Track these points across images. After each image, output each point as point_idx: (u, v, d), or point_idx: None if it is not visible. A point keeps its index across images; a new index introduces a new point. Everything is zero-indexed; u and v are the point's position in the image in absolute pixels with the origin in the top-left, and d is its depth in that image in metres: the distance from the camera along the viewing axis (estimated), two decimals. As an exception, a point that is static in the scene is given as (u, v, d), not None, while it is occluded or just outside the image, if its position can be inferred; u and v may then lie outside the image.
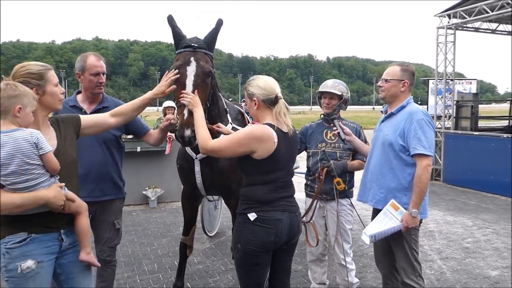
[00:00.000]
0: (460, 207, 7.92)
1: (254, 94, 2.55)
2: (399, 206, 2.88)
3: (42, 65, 2.31)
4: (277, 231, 2.49)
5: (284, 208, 2.54)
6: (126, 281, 4.48)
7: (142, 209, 7.67)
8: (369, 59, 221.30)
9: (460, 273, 4.72)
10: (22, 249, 2.12)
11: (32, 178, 2.09)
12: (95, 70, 3.13)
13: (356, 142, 3.43)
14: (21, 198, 2.06)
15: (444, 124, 10.84)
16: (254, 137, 2.43)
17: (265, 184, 2.51)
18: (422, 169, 2.83)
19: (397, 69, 3.07)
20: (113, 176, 3.24)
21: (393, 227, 2.88)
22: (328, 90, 3.55)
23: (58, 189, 2.16)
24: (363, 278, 4.49)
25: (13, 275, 2.10)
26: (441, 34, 10.71)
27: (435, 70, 11.16)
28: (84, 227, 2.31)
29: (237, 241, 2.56)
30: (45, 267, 2.18)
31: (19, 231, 2.13)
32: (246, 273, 2.60)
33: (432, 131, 2.92)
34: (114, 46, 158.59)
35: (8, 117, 2.09)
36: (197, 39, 2.95)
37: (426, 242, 5.78)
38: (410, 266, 2.99)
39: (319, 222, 3.61)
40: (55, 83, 2.31)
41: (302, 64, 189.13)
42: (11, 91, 2.08)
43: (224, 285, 4.38)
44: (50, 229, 2.22)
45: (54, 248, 2.23)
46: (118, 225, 3.32)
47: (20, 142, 2.05)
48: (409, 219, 2.84)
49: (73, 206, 2.25)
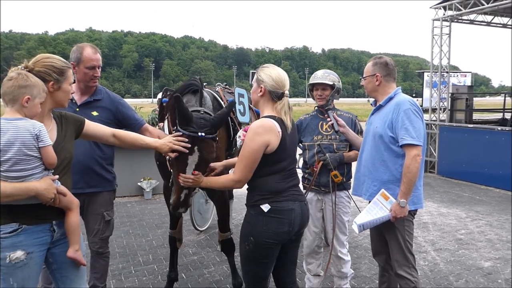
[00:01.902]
0: (454, 199, 7.97)
1: (263, 81, 2.53)
2: (389, 196, 2.88)
3: (65, 62, 2.33)
4: (290, 221, 2.49)
5: (295, 197, 2.55)
6: (120, 272, 4.48)
7: (137, 200, 7.66)
8: (364, 51, 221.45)
9: (454, 264, 4.76)
10: (13, 240, 2.12)
11: (26, 169, 2.09)
12: (91, 63, 3.08)
13: (350, 135, 3.42)
14: (12, 187, 2.06)
15: (439, 117, 10.86)
16: (260, 135, 2.42)
17: (275, 174, 2.51)
18: (411, 159, 2.82)
19: (369, 64, 3.12)
20: (98, 169, 3.17)
21: (382, 217, 2.88)
22: (320, 81, 3.53)
23: (49, 181, 2.15)
24: (358, 269, 4.51)
25: (2, 264, 2.11)
26: (437, 26, 10.72)
27: (430, 63, 11.17)
28: (73, 224, 2.29)
29: (249, 234, 2.52)
30: (34, 258, 2.18)
31: (11, 221, 2.13)
32: (255, 266, 2.57)
33: (420, 120, 2.89)
34: (108, 37, 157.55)
35: (16, 106, 2.10)
36: (204, 122, 2.59)
37: (420, 233, 5.81)
38: (404, 257, 2.99)
39: (317, 215, 3.61)
40: (71, 82, 2.33)
41: (297, 56, 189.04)
42: (22, 81, 2.09)
43: (219, 276, 4.39)
44: (41, 220, 2.21)
45: (45, 239, 2.23)
46: (109, 216, 3.28)
47: (22, 131, 2.06)
48: (397, 209, 2.84)
49: (64, 200, 2.24)
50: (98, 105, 3.15)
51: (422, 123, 2.92)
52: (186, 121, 2.54)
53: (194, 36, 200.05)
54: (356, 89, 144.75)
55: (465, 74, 17.52)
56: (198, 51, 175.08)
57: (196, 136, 2.53)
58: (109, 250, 3.41)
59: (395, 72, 3.11)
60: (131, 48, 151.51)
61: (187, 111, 2.55)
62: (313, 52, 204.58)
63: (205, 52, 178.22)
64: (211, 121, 2.62)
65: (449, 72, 11.09)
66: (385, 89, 3.06)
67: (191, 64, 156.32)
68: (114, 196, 3.39)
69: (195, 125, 2.55)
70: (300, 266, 4.30)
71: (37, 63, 2.24)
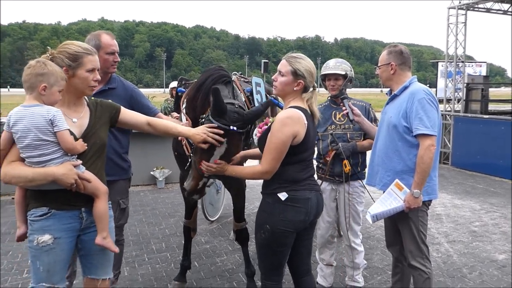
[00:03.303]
0: (468, 191, 7.89)
1: (304, 77, 2.50)
2: (403, 186, 2.85)
3: (84, 48, 2.28)
4: (307, 210, 2.50)
5: (311, 187, 2.56)
6: (134, 259, 4.53)
7: (150, 189, 7.72)
8: (377, 41, 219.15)
9: (467, 257, 4.72)
10: (42, 223, 2.18)
11: (45, 154, 2.13)
12: (111, 48, 3.09)
13: (365, 124, 3.38)
14: (33, 172, 2.12)
15: (453, 107, 10.73)
16: (289, 126, 2.40)
17: (294, 164, 2.50)
18: (425, 149, 2.78)
19: (384, 53, 3.07)
20: (114, 157, 3.19)
21: (396, 207, 2.86)
22: (332, 72, 3.48)
23: (69, 167, 2.17)
24: (370, 260, 4.50)
25: (32, 246, 2.19)
26: (452, 14, 10.54)
27: (445, 52, 11.00)
28: (101, 211, 2.31)
29: (265, 222, 2.52)
30: (61, 244, 2.22)
31: (42, 205, 2.20)
32: (271, 254, 2.57)
33: (434, 110, 2.85)
34: (120, 27, 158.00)
35: (34, 93, 2.15)
36: (238, 117, 2.52)
37: (434, 225, 5.77)
38: (417, 248, 2.98)
39: (330, 204, 3.60)
40: (88, 68, 2.27)
41: (309, 45, 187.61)
42: (39, 69, 2.12)
43: (231, 265, 4.42)
44: (71, 207, 2.25)
45: (74, 225, 2.27)
46: (124, 204, 3.31)
47: (36, 117, 2.10)
48: (411, 200, 2.82)
49: (89, 187, 2.25)
50: (113, 94, 3.15)
51: (437, 113, 2.89)
52: (220, 113, 2.48)
53: (205, 26, 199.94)
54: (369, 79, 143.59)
55: (480, 64, 17.24)
56: (209, 41, 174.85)
57: (227, 129, 2.49)
58: (123, 238, 3.45)
59: (410, 61, 3.07)
60: (143, 38, 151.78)
61: (223, 103, 2.48)
62: (326, 42, 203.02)
63: (216, 41, 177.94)
64: (245, 117, 2.55)
65: (465, 62, 10.91)
66: (400, 78, 3.03)
67: (202, 54, 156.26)
68: (129, 184, 3.42)
69: (228, 118, 2.49)
70: (313, 255, 4.31)
71: (57, 49, 2.26)
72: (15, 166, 2.15)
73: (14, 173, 2.13)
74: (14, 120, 2.11)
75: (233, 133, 2.52)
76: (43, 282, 2.19)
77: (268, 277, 2.62)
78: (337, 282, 3.98)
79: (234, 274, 4.20)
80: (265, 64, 10.17)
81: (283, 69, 2.53)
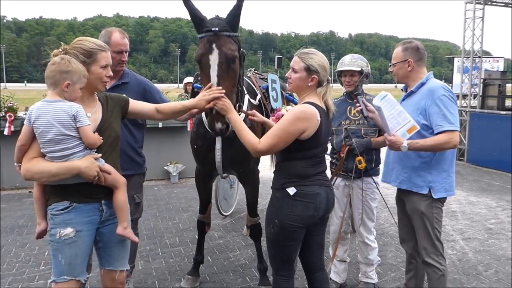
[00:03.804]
0: (484, 188, 7.79)
1: (318, 72, 2.50)
2: (411, 133, 2.77)
3: (97, 45, 2.33)
4: (316, 205, 2.50)
5: (321, 182, 2.55)
6: (148, 253, 4.57)
7: (164, 184, 7.77)
8: (392, 36, 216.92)
9: (483, 254, 4.67)
10: (64, 217, 2.22)
11: (67, 148, 2.17)
12: (119, 48, 3.10)
13: (379, 120, 3.35)
14: (56, 167, 2.16)
15: (469, 103, 10.58)
16: (301, 121, 2.40)
17: (304, 159, 2.50)
18: (448, 140, 2.72)
19: (399, 50, 3.02)
20: (130, 152, 3.23)
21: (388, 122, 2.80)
22: (347, 68, 3.45)
23: (91, 159, 2.22)
24: (384, 256, 4.48)
25: (53, 239, 2.22)
26: (469, 9, 10.36)
27: (461, 47, 10.84)
28: (121, 202, 2.35)
29: (274, 216, 2.53)
30: (83, 236, 2.26)
31: (63, 199, 2.24)
32: (280, 249, 2.58)
33: (455, 106, 2.83)
34: (135, 22, 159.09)
35: (57, 89, 2.18)
36: (218, 21, 2.68)
37: (449, 222, 5.71)
38: (432, 245, 2.95)
39: (344, 200, 3.58)
40: (102, 64, 2.32)
41: (323, 41, 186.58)
42: (64, 66, 2.15)
43: (244, 260, 4.43)
44: (91, 199, 2.29)
45: (94, 218, 2.31)
46: (138, 199, 3.35)
47: (60, 113, 2.14)
48: (395, 141, 2.76)
49: (109, 178, 2.29)
50: (126, 88, 3.18)
51: (457, 109, 2.86)
52: (200, 21, 2.65)
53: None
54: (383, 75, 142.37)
55: (498, 60, 16.94)
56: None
57: (211, 33, 2.59)
58: (138, 232, 3.48)
59: (425, 56, 3.03)
60: (158, 34, 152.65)
61: (199, 11, 2.66)
62: (340, 37, 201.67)
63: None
64: (225, 19, 2.68)
65: (481, 57, 10.74)
66: (417, 75, 2.99)
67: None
68: (143, 179, 3.45)
69: (209, 25, 2.62)
70: (326, 251, 4.31)
71: (72, 44, 2.29)
72: (37, 162, 2.18)
73: (36, 169, 2.17)
74: (36, 115, 2.14)
75: (220, 37, 2.62)
76: (64, 275, 2.23)
77: (279, 272, 2.63)
78: (350, 278, 3.97)
79: (247, 269, 4.21)
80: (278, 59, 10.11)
81: (296, 66, 2.53)
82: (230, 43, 2.68)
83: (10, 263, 4.27)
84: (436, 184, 2.89)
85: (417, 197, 2.94)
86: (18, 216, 5.72)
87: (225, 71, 2.65)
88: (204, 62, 2.65)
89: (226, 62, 2.65)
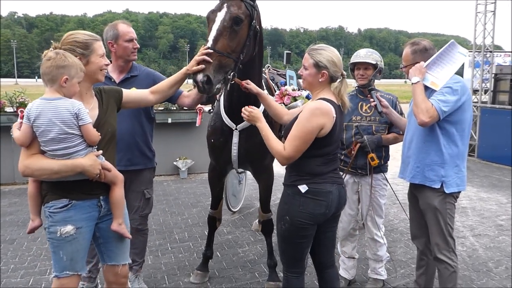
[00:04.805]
0: (494, 184, 7.72)
1: (327, 67, 2.47)
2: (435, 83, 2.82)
3: (89, 35, 2.32)
4: (327, 203, 2.48)
5: (333, 180, 2.53)
6: (158, 248, 4.60)
7: (173, 179, 7.81)
8: (401, 31, 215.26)
9: (493, 251, 4.63)
10: (63, 214, 2.22)
11: (70, 146, 2.15)
12: (129, 36, 3.13)
13: (394, 115, 3.32)
14: (59, 164, 2.14)
15: (480, 98, 10.47)
16: (317, 116, 2.38)
17: (317, 157, 2.48)
18: (429, 109, 2.70)
19: (408, 52, 3.01)
20: (141, 146, 3.26)
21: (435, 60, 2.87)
22: (362, 60, 3.42)
23: (94, 157, 2.22)
24: (393, 252, 4.46)
25: (53, 237, 2.22)
26: (481, 3, 10.23)
27: (472, 42, 10.72)
28: (118, 198, 2.36)
29: (285, 213, 2.52)
30: (83, 233, 2.26)
31: (62, 197, 2.23)
32: (291, 246, 2.57)
33: (455, 97, 2.77)
34: (144, 18, 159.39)
35: (55, 86, 2.15)
36: None
37: (459, 218, 5.67)
38: (444, 241, 2.93)
39: (352, 197, 3.56)
40: (100, 54, 2.32)
41: (332, 36, 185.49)
42: (60, 61, 2.12)
43: (253, 256, 4.44)
44: (89, 196, 2.29)
45: (93, 214, 2.32)
46: (149, 194, 3.37)
47: (62, 111, 2.11)
48: (419, 68, 2.85)
49: (109, 175, 2.30)
50: (136, 81, 3.20)
51: (465, 105, 2.82)
52: None
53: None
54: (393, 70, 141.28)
55: (509, 54, 16.74)
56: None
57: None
58: (148, 227, 3.50)
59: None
60: (167, 29, 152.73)
61: None
62: (349, 32, 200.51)
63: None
64: None
65: (493, 52, 10.62)
66: None
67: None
68: (153, 174, 3.47)
69: None
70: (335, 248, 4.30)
71: (63, 41, 2.27)
72: (38, 159, 2.15)
73: (37, 166, 2.14)
74: (36, 114, 2.10)
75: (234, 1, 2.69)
76: (66, 270, 2.24)
77: (290, 269, 2.63)
78: (359, 274, 3.96)
79: (256, 265, 4.22)
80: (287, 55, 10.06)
81: (306, 62, 2.53)
82: (239, 5, 2.73)
83: (22, 256, 4.32)
84: (448, 178, 2.87)
85: (431, 192, 2.92)
86: (30, 211, 5.77)
87: (226, 29, 2.66)
88: (211, 18, 2.71)
89: (229, 20, 2.67)
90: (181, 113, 7.60)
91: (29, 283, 3.78)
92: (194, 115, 7.49)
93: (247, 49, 2.81)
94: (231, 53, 2.68)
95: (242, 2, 2.75)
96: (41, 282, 3.80)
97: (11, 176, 7.14)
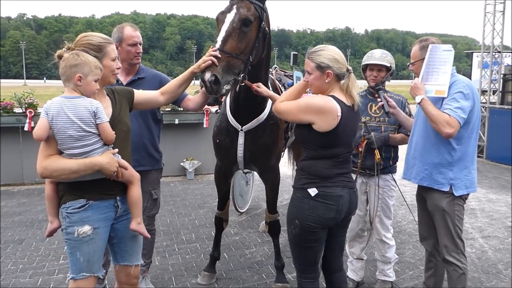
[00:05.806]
0: (503, 185, 7.65)
1: (330, 66, 2.43)
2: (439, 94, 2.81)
3: (104, 38, 2.33)
4: (338, 207, 2.44)
5: (344, 184, 2.49)
6: (165, 249, 4.61)
7: (180, 180, 7.82)
8: (409, 32, 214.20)
9: (503, 252, 4.59)
10: (81, 215, 2.22)
11: (88, 145, 2.17)
12: (133, 40, 3.15)
13: (401, 116, 3.30)
14: (77, 163, 2.15)
15: (489, 99, 10.39)
16: (314, 107, 2.38)
17: (326, 159, 2.45)
18: (447, 122, 2.67)
19: (416, 49, 3.00)
20: (148, 147, 3.27)
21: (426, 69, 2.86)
22: (378, 62, 3.37)
23: (111, 155, 2.23)
24: (401, 254, 4.43)
25: (71, 238, 2.22)
26: (490, 3, 10.16)
27: (481, 42, 10.65)
28: (136, 197, 2.36)
29: (294, 217, 2.49)
30: (100, 233, 2.27)
31: (79, 197, 2.23)
32: (303, 250, 2.53)
33: (468, 101, 2.75)
34: (152, 20, 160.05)
35: (71, 85, 2.17)
36: None
37: (468, 220, 5.62)
38: (453, 243, 2.91)
39: (361, 198, 3.53)
40: (112, 57, 2.33)
41: (339, 37, 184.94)
42: (72, 60, 2.15)
43: (260, 257, 4.43)
44: (107, 196, 2.30)
45: (110, 214, 2.32)
46: (156, 195, 3.37)
47: (80, 109, 2.13)
48: (418, 87, 2.85)
49: (126, 174, 2.30)
50: (143, 83, 3.21)
51: (475, 106, 2.80)
52: None
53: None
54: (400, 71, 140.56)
55: (518, 54, 16.59)
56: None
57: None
58: (155, 228, 3.50)
59: None
60: (174, 31, 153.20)
61: None
62: (356, 33, 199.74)
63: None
64: None
65: (502, 52, 10.53)
66: None
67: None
68: (161, 175, 3.48)
69: None
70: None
71: (76, 42, 2.28)
72: (55, 159, 2.16)
73: (56, 167, 2.15)
74: (55, 112, 2.12)
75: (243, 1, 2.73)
76: (83, 272, 2.24)
77: (303, 274, 2.59)
78: (367, 276, 3.94)
79: (263, 266, 4.21)
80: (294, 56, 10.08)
81: (308, 67, 2.50)
82: (248, 7, 2.74)
83: (30, 256, 4.35)
84: (457, 181, 2.85)
85: (438, 194, 2.90)
86: (38, 211, 5.82)
87: (235, 30, 2.66)
88: (220, 19, 2.72)
89: (238, 21, 2.68)
90: (188, 114, 7.61)
91: (38, 283, 3.80)
92: (201, 116, 7.51)
93: (256, 51, 2.81)
94: (239, 54, 2.68)
95: (251, 4, 2.76)
96: (49, 282, 3.82)
97: (19, 177, 7.19)
